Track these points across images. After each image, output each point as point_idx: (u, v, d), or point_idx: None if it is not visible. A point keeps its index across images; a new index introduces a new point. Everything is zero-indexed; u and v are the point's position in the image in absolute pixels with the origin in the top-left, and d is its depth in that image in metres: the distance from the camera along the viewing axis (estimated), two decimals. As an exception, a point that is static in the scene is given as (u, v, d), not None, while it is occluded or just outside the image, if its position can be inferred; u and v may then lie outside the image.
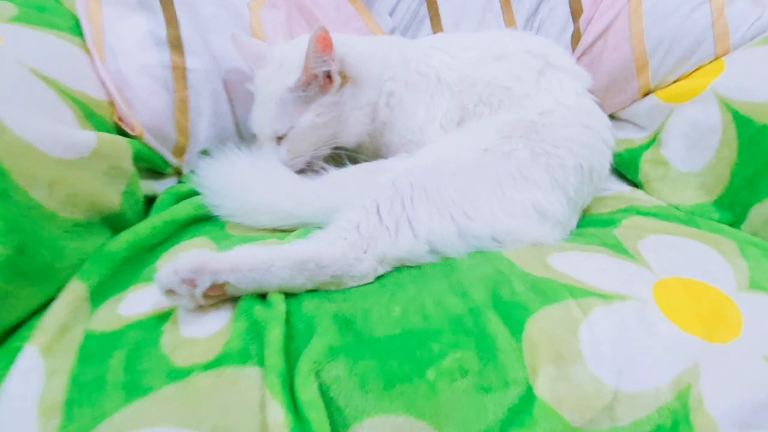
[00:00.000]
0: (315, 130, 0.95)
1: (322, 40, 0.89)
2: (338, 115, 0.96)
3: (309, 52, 0.89)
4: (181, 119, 1.00)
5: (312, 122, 0.94)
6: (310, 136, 0.95)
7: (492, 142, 0.88)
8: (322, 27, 0.88)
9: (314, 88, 0.93)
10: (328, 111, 0.95)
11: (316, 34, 0.88)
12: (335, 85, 0.94)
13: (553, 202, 0.84)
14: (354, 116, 0.97)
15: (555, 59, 1.01)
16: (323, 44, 0.89)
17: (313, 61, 0.90)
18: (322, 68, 0.91)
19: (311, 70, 0.91)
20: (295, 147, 0.96)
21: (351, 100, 0.96)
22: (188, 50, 1.01)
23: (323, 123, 0.95)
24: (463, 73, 1.01)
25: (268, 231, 0.85)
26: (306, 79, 0.91)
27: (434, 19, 1.21)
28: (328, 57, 0.91)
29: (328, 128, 0.96)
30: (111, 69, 0.94)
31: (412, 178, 0.80)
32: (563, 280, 0.69)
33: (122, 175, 0.83)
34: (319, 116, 0.94)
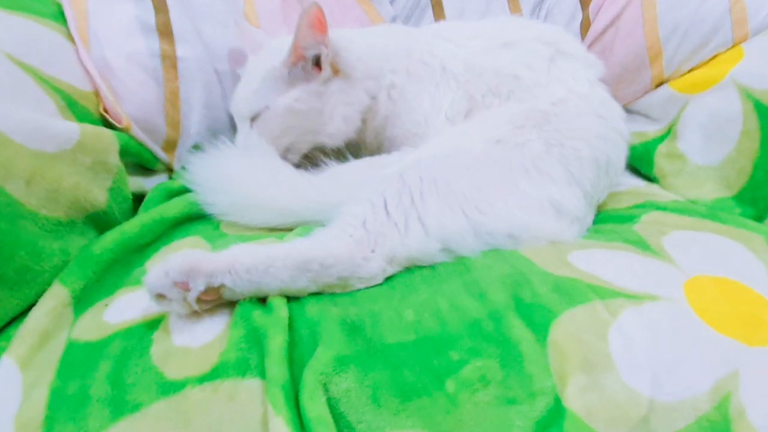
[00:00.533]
0: (290, 117, 0.89)
1: (314, 16, 0.83)
2: (320, 108, 0.90)
3: (299, 27, 0.83)
4: (172, 111, 0.94)
5: (288, 106, 0.88)
6: (284, 123, 0.89)
7: (504, 132, 0.83)
8: (315, 3, 0.82)
9: (300, 72, 0.87)
10: (309, 99, 0.88)
11: (309, 9, 0.82)
12: (323, 74, 0.88)
13: (569, 197, 0.79)
14: (339, 112, 0.91)
15: (566, 47, 0.96)
16: (316, 22, 0.83)
17: (303, 39, 0.84)
18: (313, 51, 0.86)
19: (300, 50, 0.85)
20: (265, 131, 0.89)
21: (338, 94, 0.90)
22: (179, 38, 0.95)
23: (301, 111, 0.88)
24: (470, 62, 0.95)
25: (266, 230, 0.79)
26: (294, 59, 0.86)
27: (437, 8, 1.15)
28: (320, 39, 0.85)
29: (306, 119, 0.89)
30: (96, 57, 0.88)
31: (421, 170, 0.74)
32: (588, 279, 0.64)
33: (108, 170, 0.77)
34: (298, 102, 0.88)
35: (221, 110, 1.00)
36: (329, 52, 0.87)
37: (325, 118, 0.90)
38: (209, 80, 0.98)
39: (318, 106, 0.89)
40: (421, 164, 0.76)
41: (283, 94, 0.87)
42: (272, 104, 0.87)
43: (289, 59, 0.86)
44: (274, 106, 0.87)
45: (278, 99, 0.87)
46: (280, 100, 0.87)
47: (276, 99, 0.87)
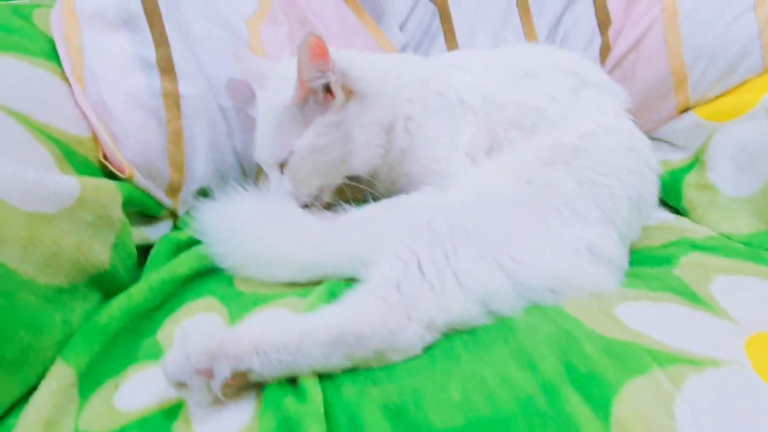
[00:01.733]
0: (317, 154, 0.83)
1: (313, 47, 0.77)
2: (342, 136, 0.84)
3: (300, 62, 0.77)
4: (175, 153, 0.87)
5: (311, 145, 0.82)
6: (313, 162, 0.83)
7: (532, 171, 0.79)
8: (310, 32, 0.76)
9: (312, 106, 0.81)
10: (329, 131, 0.82)
11: (306, 41, 0.76)
12: (337, 101, 0.82)
13: (605, 238, 0.74)
14: (362, 137, 0.85)
15: (589, 75, 0.92)
16: (316, 52, 0.78)
17: (307, 73, 0.78)
18: (320, 81, 0.80)
19: (307, 84, 0.79)
20: (297, 175, 0.84)
21: (357, 117, 0.84)
22: (181, 74, 0.88)
23: (325, 145, 0.82)
24: (489, 93, 0.90)
25: (285, 285, 0.73)
26: (302, 94, 0.80)
27: (448, 33, 1.10)
28: (324, 67, 0.79)
29: (332, 152, 0.84)
30: (93, 98, 0.82)
31: (450, 217, 0.69)
32: (642, 341, 0.59)
33: (111, 225, 0.71)
34: (319, 137, 0.82)
35: (227, 149, 0.93)
36: (337, 76, 0.81)
37: (350, 145, 0.84)
38: (214, 118, 0.91)
39: (339, 136, 0.83)
40: (450, 211, 0.71)
41: (302, 134, 0.82)
42: (295, 148, 0.82)
43: (298, 96, 0.80)
44: (297, 149, 0.82)
45: (299, 141, 0.81)
46: (301, 142, 0.81)
47: (296, 141, 0.82)
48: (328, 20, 1.02)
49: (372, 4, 1.05)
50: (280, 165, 0.85)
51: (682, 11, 1.00)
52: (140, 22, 0.87)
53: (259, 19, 0.97)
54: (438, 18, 1.10)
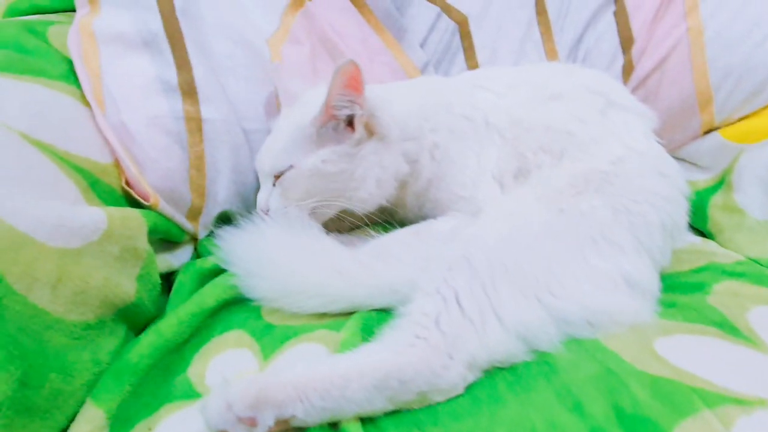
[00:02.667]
0: (316, 179, 0.80)
1: (349, 75, 0.76)
2: (351, 171, 0.81)
3: (333, 86, 0.76)
4: (197, 178, 0.85)
5: (315, 168, 0.80)
6: (309, 184, 0.81)
7: (566, 199, 0.77)
8: (352, 60, 0.74)
9: (330, 132, 0.80)
10: (338, 161, 0.80)
11: (344, 67, 0.74)
12: (356, 135, 0.80)
13: (641, 268, 0.73)
14: (372, 176, 0.83)
15: (616, 97, 0.91)
16: (352, 82, 0.76)
17: (336, 98, 0.77)
18: (346, 111, 0.78)
19: (332, 109, 0.78)
20: (289, 192, 0.81)
21: (372, 156, 0.82)
22: (203, 97, 0.86)
23: (329, 173, 0.80)
24: (516, 115, 0.89)
25: (315, 316, 0.71)
26: (324, 118, 0.78)
27: (468, 51, 1.09)
28: (355, 99, 0.77)
29: (334, 182, 0.81)
30: (114, 122, 0.80)
31: (488, 250, 0.68)
32: (687, 380, 0.58)
33: (137, 256, 0.69)
34: (326, 164, 0.80)
35: (249, 173, 0.91)
36: (364, 112, 0.79)
37: (356, 182, 0.82)
38: (236, 141, 0.89)
39: (348, 169, 0.81)
40: (487, 244, 0.69)
41: (310, 154, 0.80)
42: (297, 164, 0.80)
43: (320, 118, 0.79)
44: (299, 166, 0.80)
45: (304, 159, 0.79)
46: (306, 161, 0.79)
47: (302, 159, 0.80)
48: (350, 40, 1.00)
49: (393, 22, 1.04)
50: (275, 176, 0.82)
51: (708, 31, 0.99)
52: (161, 43, 0.85)
53: (280, 39, 0.95)
54: (458, 35, 1.08)
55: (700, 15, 1.00)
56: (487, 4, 1.08)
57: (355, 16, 1.02)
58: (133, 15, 0.85)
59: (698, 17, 1.00)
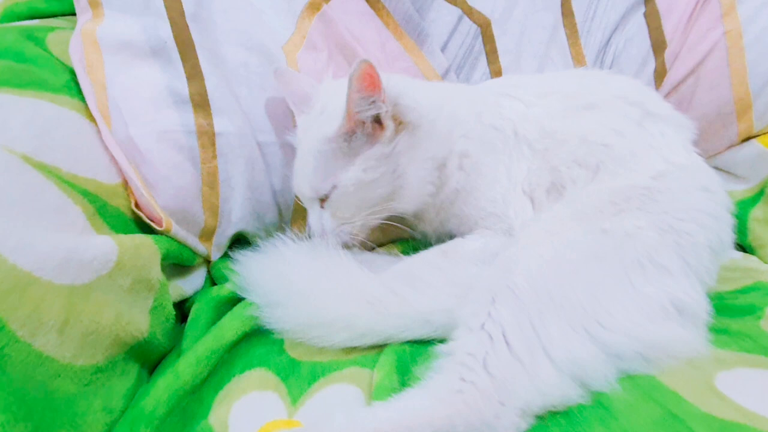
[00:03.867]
0: (363, 190, 0.76)
1: (366, 77, 0.70)
2: (392, 171, 0.76)
3: (351, 93, 0.70)
4: (210, 196, 0.79)
5: (358, 179, 0.74)
6: (357, 198, 0.76)
7: (608, 218, 0.72)
8: (365, 60, 0.69)
9: (360, 138, 0.74)
10: (378, 165, 0.75)
11: (358, 70, 0.69)
12: (387, 132, 0.75)
13: (690, 292, 0.68)
14: (413, 172, 0.78)
15: (653, 106, 0.86)
16: (368, 82, 0.70)
17: (357, 104, 0.71)
18: (370, 112, 0.72)
19: (355, 115, 0.72)
20: (340, 211, 0.77)
21: (409, 150, 0.77)
22: (216, 109, 0.80)
23: (373, 180, 0.75)
24: (547, 126, 0.84)
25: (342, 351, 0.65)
26: (349, 127, 0.73)
27: (491, 55, 1.03)
28: (376, 97, 0.72)
29: (380, 186, 0.76)
30: (121, 138, 0.74)
31: (532, 278, 0.62)
32: (754, 423, 0.53)
33: (150, 288, 0.63)
34: (367, 172, 0.75)
35: (266, 189, 0.85)
36: (388, 106, 0.73)
37: (400, 179, 0.77)
38: (251, 155, 0.83)
39: (389, 170, 0.76)
40: (529, 270, 0.64)
41: (347, 168, 0.74)
42: (339, 182, 0.74)
43: (344, 127, 0.73)
44: (341, 184, 0.74)
45: (344, 175, 0.74)
46: (346, 176, 0.74)
47: (342, 175, 0.74)
48: (368, 45, 0.94)
49: (413, 26, 0.98)
50: (320, 199, 0.77)
51: (747, 35, 0.94)
52: (171, 51, 0.79)
53: (296, 45, 0.89)
54: (480, 38, 1.03)
55: (738, 17, 0.94)
56: (511, 6, 1.03)
57: (373, 19, 0.96)
58: (140, 21, 0.79)
59: (736, 20, 0.94)
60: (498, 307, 0.60)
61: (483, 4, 1.02)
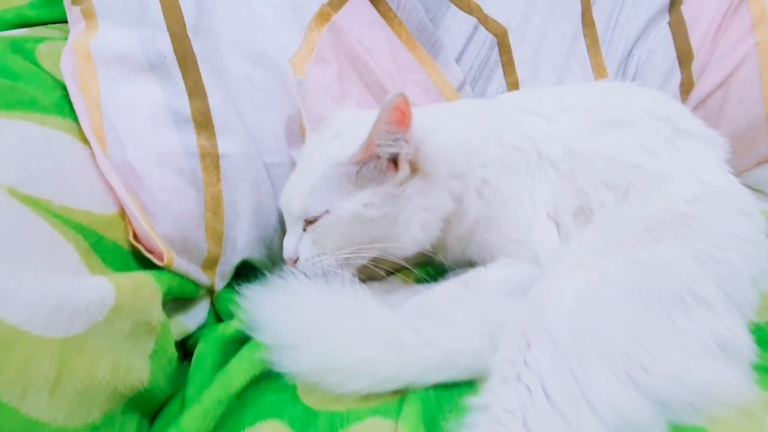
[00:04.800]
0: (356, 225, 0.70)
1: (399, 111, 0.65)
2: (394, 215, 0.71)
3: (378, 123, 0.65)
4: (214, 222, 0.73)
5: (356, 213, 0.69)
6: (348, 231, 0.70)
7: (644, 247, 0.68)
8: (401, 93, 0.63)
9: (371, 171, 0.69)
10: (381, 204, 0.70)
11: (393, 101, 0.64)
12: (400, 175, 0.70)
13: (733, 328, 0.63)
14: (417, 219, 0.72)
15: (684, 122, 0.81)
16: (400, 117, 0.65)
17: (381, 137, 0.66)
18: (390, 149, 0.67)
19: (375, 147, 0.66)
20: (323, 240, 0.71)
21: (417, 197, 0.71)
22: (220, 129, 0.74)
23: (371, 218, 0.70)
24: (572, 144, 0.79)
25: (360, 398, 0.60)
26: (364, 157, 0.67)
27: (507, 66, 0.98)
28: (401, 135, 0.67)
29: (376, 228, 0.71)
30: (116, 161, 0.68)
31: (568, 318, 0.58)
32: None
33: (150, 331, 0.58)
34: (368, 208, 0.69)
35: (272, 214, 0.80)
36: (410, 149, 0.68)
37: (399, 226, 0.71)
38: (257, 178, 0.78)
39: (392, 212, 0.70)
40: (565, 307, 0.59)
41: (349, 197, 0.69)
42: (335, 208, 0.69)
43: (360, 156, 0.67)
44: (337, 211, 0.69)
45: (343, 203, 0.69)
46: (345, 206, 0.69)
47: (340, 203, 0.69)
48: (379, 57, 0.89)
49: (427, 36, 0.92)
50: (306, 221, 0.71)
51: (780, 46, 0.89)
52: (171, 66, 0.73)
53: (304, 58, 0.83)
54: (496, 49, 0.97)
55: (770, 28, 0.89)
56: (529, 14, 0.97)
57: (384, 29, 0.91)
58: (138, 33, 0.73)
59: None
60: (534, 352, 0.55)
61: (499, 12, 0.97)
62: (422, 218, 0.72)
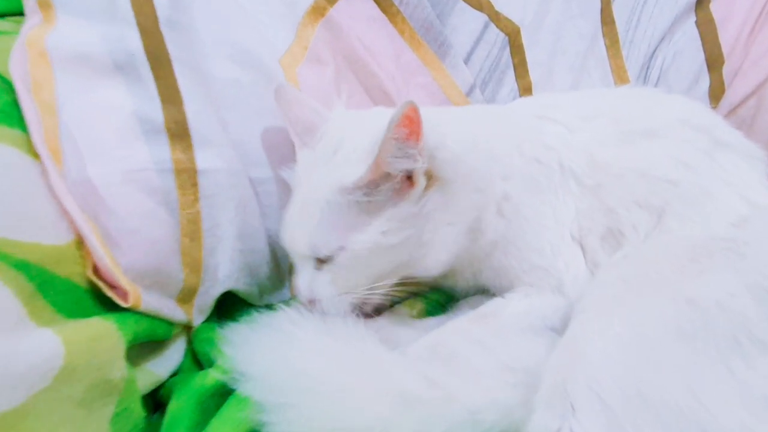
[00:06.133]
0: (378, 257, 0.61)
1: (408, 121, 0.55)
2: (417, 236, 0.62)
3: (388, 140, 0.55)
4: (191, 249, 0.63)
5: (375, 243, 0.60)
6: (370, 263, 0.61)
7: (691, 282, 0.58)
8: (411, 102, 0.54)
9: (384, 193, 0.59)
10: (401, 228, 0.61)
11: (403, 113, 0.54)
12: (417, 189, 0.60)
13: (793, 373, 0.54)
14: (441, 238, 0.63)
15: (721, 133, 0.73)
16: (410, 128, 0.56)
17: (391, 153, 0.56)
18: (403, 165, 0.58)
19: (385, 166, 0.57)
20: (345, 278, 0.62)
21: (438, 213, 0.63)
22: (198, 140, 0.64)
23: (392, 246, 0.60)
24: (598, 156, 0.70)
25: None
26: (374, 178, 0.57)
27: (519, 68, 0.88)
28: (414, 149, 0.57)
29: (400, 253, 0.62)
30: (75, 181, 0.57)
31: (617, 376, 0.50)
32: None
33: (110, 391, 0.47)
34: (387, 235, 0.60)
35: (260, 237, 0.69)
36: (424, 161, 0.58)
37: (424, 247, 0.63)
38: (243, 196, 0.67)
39: (413, 234, 0.61)
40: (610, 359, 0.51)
41: (364, 227, 0.59)
42: (350, 244, 0.59)
43: (368, 178, 0.57)
44: (353, 246, 0.60)
45: (357, 236, 0.59)
46: (361, 238, 0.59)
47: (354, 236, 0.59)
48: (381, 57, 0.79)
49: (434, 35, 0.83)
50: (318, 260, 0.61)
51: (822, 49, 0.80)
52: (141, 67, 0.62)
53: (296, 58, 0.73)
54: (508, 49, 0.88)
55: (810, 29, 0.81)
56: (543, 11, 0.88)
57: (386, 26, 0.81)
58: (102, 28, 0.62)
59: (808, 32, 0.81)
60: (581, 418, 0.46)
61: (511, 8, 0.88)
62: (446, 236, 0.64)
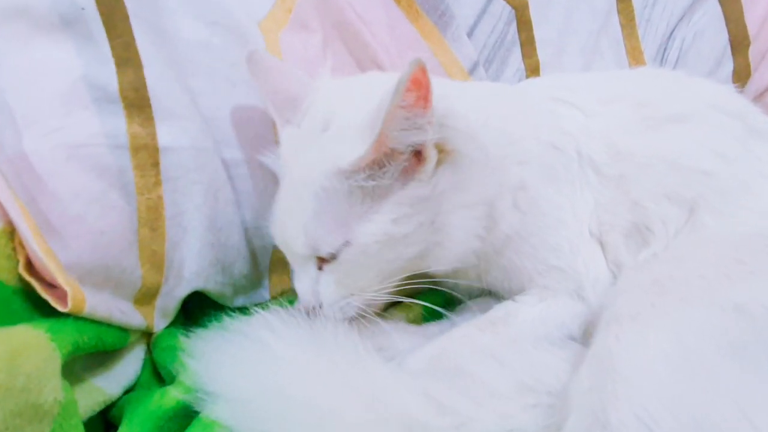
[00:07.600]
0: (389, 250, 0.51)
1: (417, 85, 0.45)
2: (432, 221, 0.52)
3: (393, 108, 0.45)
4: (151, 241, 0.53)
5: (385, 234, 0.50)
6: (379, 260, 0.52)
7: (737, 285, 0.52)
8: (419, 60, 0.44)
9: (390, 174, 0.49)
10: (413, 213, 0.51)
11: (409, 75, 0.44)
12: (428, 165, 0.51)
13: None
14: (459, 220, 0.54)
15: (755, 120, 0.66)
16: (419, 92, 0.46)
17: (398, 124, 0.47)
18: (412, 138, 0.48)
19: (390, 141, 0.47)
20: (353, 278, 0.53)
21: (452, 194, 0.53)
22: (160, 111, 0.54)
23: (405, 235, 0.51)
24: (620, 144, 0.62)
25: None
26: (377, 157, 0.48)
27: (526, 46, 0.80)
28: (423, 119, 0.47)
29: (414, 243, 0.52)
30: (8, 155, 0.47)
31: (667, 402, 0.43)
32: None
33: (40, 417, 0.37)
34: (398, 223, 0.51)
35: (234, 228, 0.60)
36: (434, 132, 0.49)
37: (438, 234, 0.53)
38: (214, 180, 0.57)
39: (427, 220, 0.52)
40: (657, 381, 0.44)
41: (369, 217, 0.50)
42: (356, 238, 0.50)
43: (370, 158, 0.48)
44: (359, 240, 0.50)
45: (363, 227, 0.50)
46: (368, 230, 0.50)
47: (359, 228, 0.50)
48: (375, 26, 0.70)
49: (434, 5, 0.74)
50: (319, 258, 0.52)
51: None
52: (92, 23, 0.52)
53: (278, 22, 0.63)
54: (514, 24, 0.79)
55: None
56: (554, -17, 0.80)
57: (381, -8, 0.72)
58: (44, -25, 0.51)
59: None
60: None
61: (519, -21, 0.78)
62: (463, 219, 0.54)
